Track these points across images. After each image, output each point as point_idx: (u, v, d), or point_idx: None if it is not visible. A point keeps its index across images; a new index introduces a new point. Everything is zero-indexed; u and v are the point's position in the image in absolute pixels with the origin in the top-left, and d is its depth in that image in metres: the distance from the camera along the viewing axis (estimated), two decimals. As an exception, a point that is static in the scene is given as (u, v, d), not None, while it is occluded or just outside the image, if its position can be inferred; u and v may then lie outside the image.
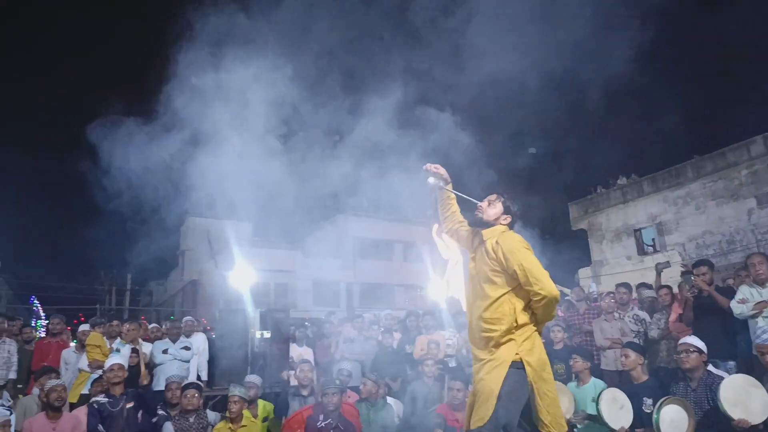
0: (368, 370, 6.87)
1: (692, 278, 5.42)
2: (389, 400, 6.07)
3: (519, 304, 2.96)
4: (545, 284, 2.88)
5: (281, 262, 25.15)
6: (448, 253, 3.84)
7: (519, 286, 2.96)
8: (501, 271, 2.99)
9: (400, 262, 28.72)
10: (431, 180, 3.36)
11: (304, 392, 5.82)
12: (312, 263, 26.61)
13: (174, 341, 6.94)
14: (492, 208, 3.21)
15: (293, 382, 6.83)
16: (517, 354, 2.88)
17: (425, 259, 24.80)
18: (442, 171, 3.35)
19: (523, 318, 2.94)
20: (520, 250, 2.97)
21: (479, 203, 3.27)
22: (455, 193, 3.37)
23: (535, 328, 2.99)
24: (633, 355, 4.80)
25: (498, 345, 2.94)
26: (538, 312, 2.97)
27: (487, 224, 3.19)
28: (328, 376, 6.62)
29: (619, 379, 5.88)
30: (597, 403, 4.61)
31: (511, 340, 2.91)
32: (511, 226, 3.22)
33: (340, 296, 26.36)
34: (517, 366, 2.86)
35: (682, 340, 4.31)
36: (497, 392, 2.80)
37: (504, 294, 2.97)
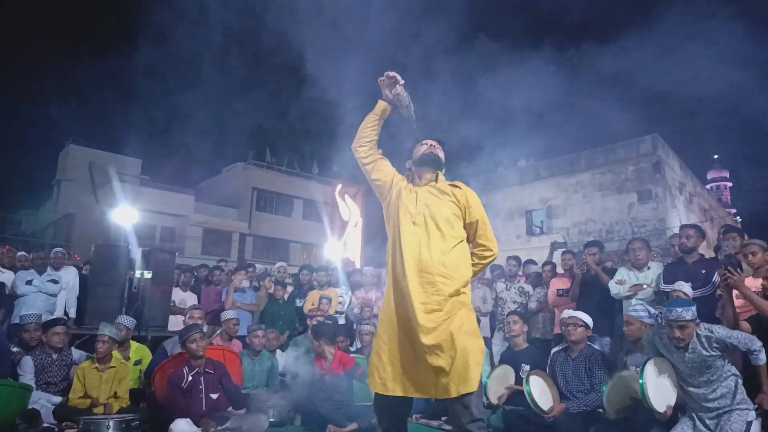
0: (256, 322, 6.71)
1: (584, 257, 5.74)
2: (277, 352, 5.97)
3: (468, 256, 2.93)
4: (496, 243, 2.96)
5: (171, 205, 23.96)
6: (348, 215, 3.70)
7: (467, 239, 2.94)
8: (460, 217, 2.91)
9: (298, 219, 28.40)
10: (400, 91, 2.86)
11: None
12: (205, 209, 25.60)
13: (40, 273, 6.35)
14: (440, 152, 3.07)
15: (177, 327, 6.53)
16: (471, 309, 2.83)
17: (324, 219, 24.73)
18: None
19: (470, 272, 2.89)
20: (480, 203, 2.96)
21: (427, 140, 3.06)
22: (412, 119, 2.97)
23: None
24: (519, 323, 5.02)
25: (455, 294, 2.76)
26: (476, 269, 2.96)
27: (439, 166, 3.02)
28: (215, 324, 6.37)
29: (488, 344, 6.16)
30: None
31: (463, 293, 2.81)
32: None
33: (231, 247, 25.64)
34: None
35: (570, 313, 4.54)
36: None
37: (461, 241, 2.90)
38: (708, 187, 49.98)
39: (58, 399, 4.67)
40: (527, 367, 4.72)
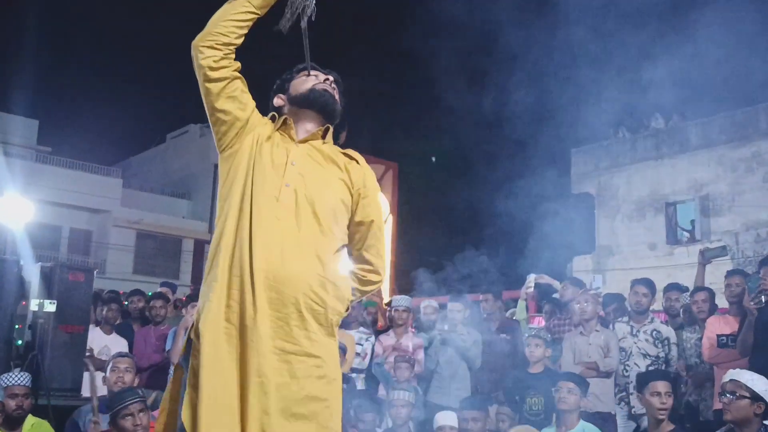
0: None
1: (761, 281, 5.65)
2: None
3: (346, 274, 2.92)
4: (385, 263, 3.00)
5: (86, 193, 24.31)
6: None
7: (344, 248, 2.88)
8: (349, 208, 2.85)
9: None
10: None
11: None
12: (139, 200, 25.91)
13: None
14: (337, 95, 3.00)
15: (92, 392, 6.67)
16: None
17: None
18: None
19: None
20: (380, 194, 3.06)
21: (319, 72, 2.98)
22: (304, 25, 2.84)
23: None
24: (663, 389, 4.98)
25: (329, 327, 2.70)
26: (352, 298, 3.04)
27: (332, 116, 2.96)
28: (155, 387, 6.43)
29: (602, 425, 6.11)
30: None
31: (333, 336, 2.75)
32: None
33: (182, 261, 25.95)
34: None
35: (732, 375, 4.50)
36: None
37: (343, 247, 2.86)
38: None
39: None
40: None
